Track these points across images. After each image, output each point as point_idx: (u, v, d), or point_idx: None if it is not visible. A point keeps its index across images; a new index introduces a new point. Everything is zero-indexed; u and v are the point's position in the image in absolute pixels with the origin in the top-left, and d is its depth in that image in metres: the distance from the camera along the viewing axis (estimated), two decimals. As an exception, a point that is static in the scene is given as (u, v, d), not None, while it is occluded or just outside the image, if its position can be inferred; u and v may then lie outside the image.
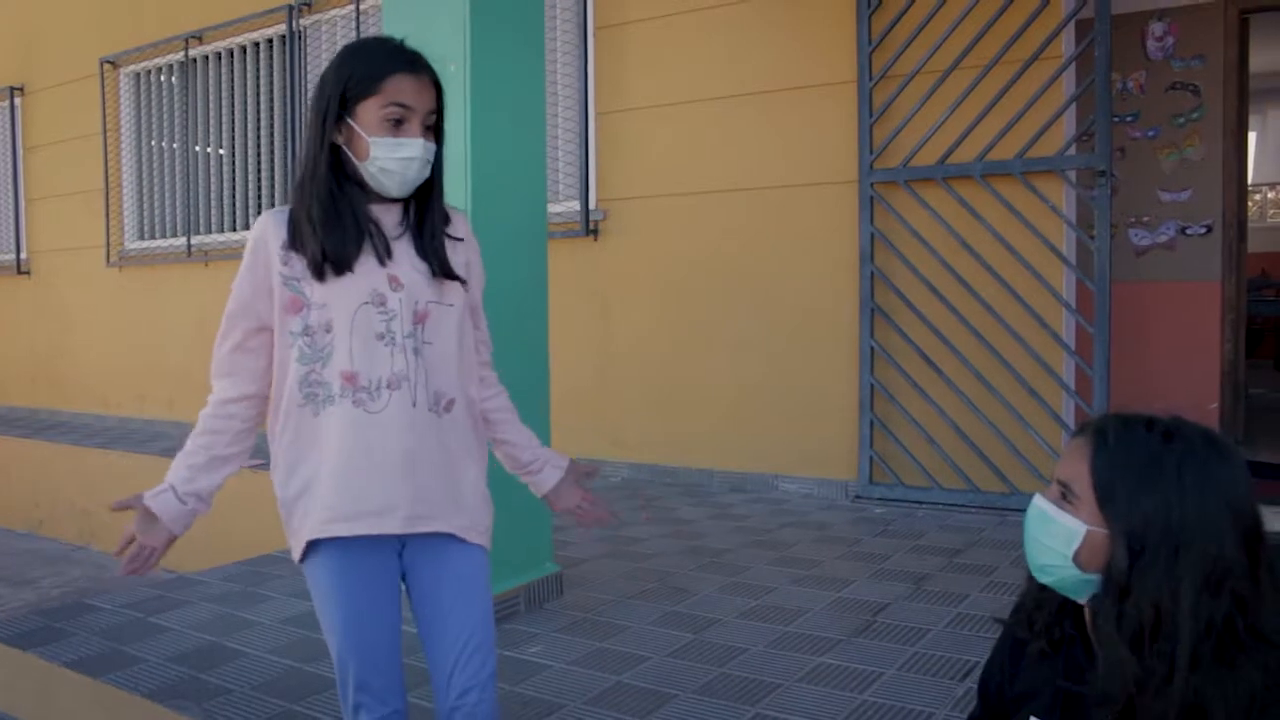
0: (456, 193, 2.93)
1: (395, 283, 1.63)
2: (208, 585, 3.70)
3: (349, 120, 1.62)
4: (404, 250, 1.66)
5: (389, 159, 1.61)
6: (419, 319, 1.65)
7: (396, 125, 1.61)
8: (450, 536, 1.70)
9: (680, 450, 5.34)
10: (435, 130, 1.68)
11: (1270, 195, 11.61)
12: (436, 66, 1.68)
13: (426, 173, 1.66)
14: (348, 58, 1.65)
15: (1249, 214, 6.79)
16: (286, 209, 1.68)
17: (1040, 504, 1.27)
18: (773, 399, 5.06)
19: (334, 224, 1.62)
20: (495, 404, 1.86)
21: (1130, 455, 1.20)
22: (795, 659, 2.80)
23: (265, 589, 3.63)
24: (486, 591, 1.74)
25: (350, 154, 1.64)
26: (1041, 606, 1.34)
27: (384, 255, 1.63)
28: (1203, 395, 5.36)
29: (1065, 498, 1.24)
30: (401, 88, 1.61)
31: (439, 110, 1.67)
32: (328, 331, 1.61)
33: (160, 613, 3.39)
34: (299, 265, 1.62)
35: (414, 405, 1.63)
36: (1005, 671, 1.41)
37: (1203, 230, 5.53)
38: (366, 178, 1.64)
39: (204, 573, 3.86)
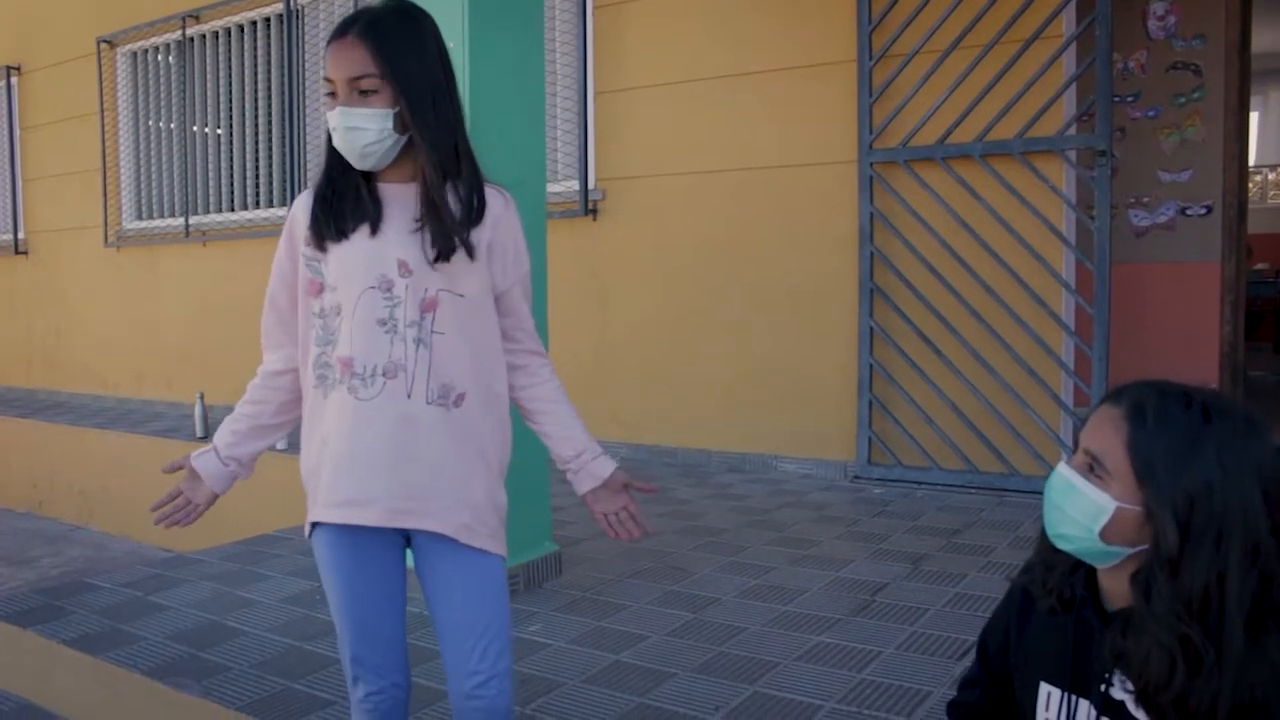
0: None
1: (404, 268, 1.57)
2: (207, 564, 3.71)
3: None
4: (419, 235, 1.58)
5: (333, 135, 1.58)
6: (427, 307, 1.58)
7: (333, 98, 1.57)
8: (455, 541, 1.62)
9: (679, 430, 5.35)
10: (406, 93, 1.55)
11: (1271, 176, 11.59)
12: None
13: (372, 139, 1.55)
14: None
15: (1249, 195, 6.77)
16: None
17: (1066, 473, 1.25)
18: (771, 379, 5.06)
19: (333, 196, 1.61)
20: (534, 393, 1.77)
21: (1171, 435, 1.17)
22: (794, 638, 2.81)
23: (264, 568, 3.64)
24: (502, 598, 1.67)
25: None
26: (1053, 567, 1.33)
27: (375, 227, 1.59)
28: (1202, 377, 5.36)
29: (1094, 470, 1.22)
30: (329, 62, 1.56)
31: (385, 72, 1.54)
32: (337, 315, 1.60)
33: (159, 591, 3.40)
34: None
35: (409, 396, 1.58)
36: (1009, 633, 1.40)
37: (1203, 211, 5.52)
38: None
39: (203, 552, 3.87)
